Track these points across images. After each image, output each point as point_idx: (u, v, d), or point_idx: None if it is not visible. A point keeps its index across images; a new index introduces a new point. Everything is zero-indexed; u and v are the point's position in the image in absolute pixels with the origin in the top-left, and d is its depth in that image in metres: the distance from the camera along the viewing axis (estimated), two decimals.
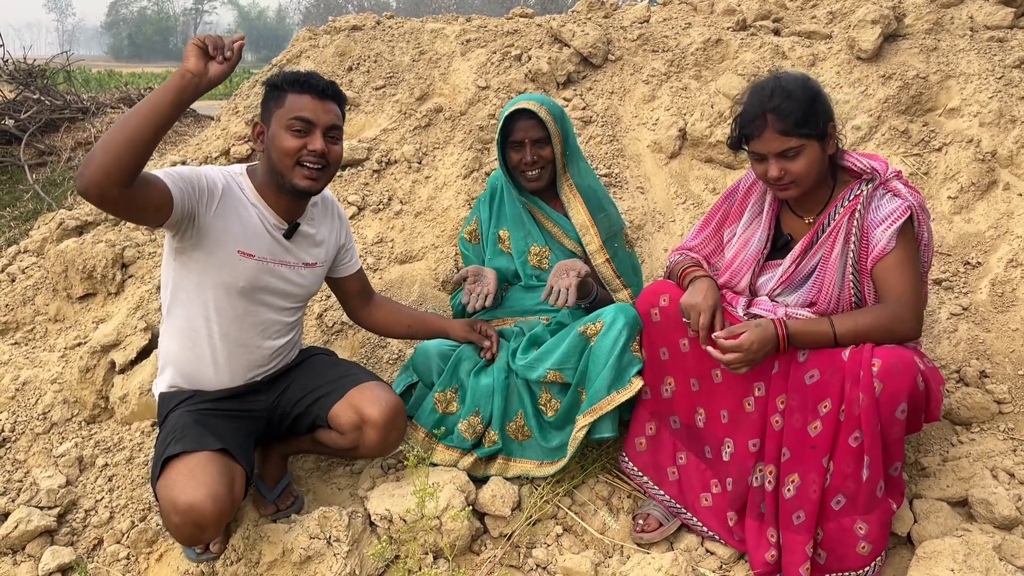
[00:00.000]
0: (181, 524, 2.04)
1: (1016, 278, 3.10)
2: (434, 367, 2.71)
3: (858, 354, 2.09)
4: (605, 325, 2.48)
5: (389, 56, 4.62)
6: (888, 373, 2.02)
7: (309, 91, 2.24)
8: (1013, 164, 3.46)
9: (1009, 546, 2.18)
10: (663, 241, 3.72)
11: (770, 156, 2.18)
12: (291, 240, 2.39)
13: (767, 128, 2.15)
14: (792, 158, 2.16)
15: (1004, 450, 2.62)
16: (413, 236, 3.73)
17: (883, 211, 2.19)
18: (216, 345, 2.36)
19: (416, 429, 2.70)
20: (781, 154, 2.16)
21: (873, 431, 2.03)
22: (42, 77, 8.76)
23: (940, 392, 2.14)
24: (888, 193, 2.21)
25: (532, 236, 2.89)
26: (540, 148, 2.75)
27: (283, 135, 2.22)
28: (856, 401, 2.05)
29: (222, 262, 2.26)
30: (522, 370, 2.62)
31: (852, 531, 2.13)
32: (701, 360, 2.37)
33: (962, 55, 3.89)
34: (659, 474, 2.52)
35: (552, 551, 2.43)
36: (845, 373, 2.10)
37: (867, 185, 2.23)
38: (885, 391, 2.01)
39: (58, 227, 3.93)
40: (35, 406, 3.13)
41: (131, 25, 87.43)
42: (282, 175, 2.26)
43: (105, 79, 18.65)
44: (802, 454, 2.17)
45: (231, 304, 2.33)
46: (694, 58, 4.29)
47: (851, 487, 2.11)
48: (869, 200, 2.22)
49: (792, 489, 2.19)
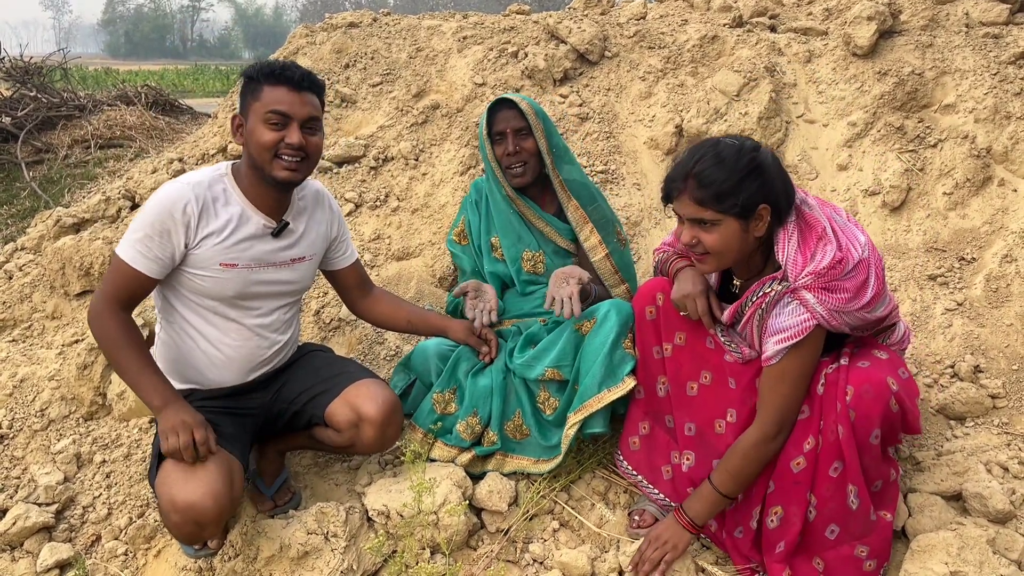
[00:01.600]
0: (181, 522, 2.03)
1: (1010, 273, 3.11)
2: (433, 367, 2.71)
3: (833, 384, 2.07)
4: (597, 321, 2.49)
5: (386, 53, 4.62)
6: (860, 400, 2.00)
7: (284, 83, 2.20)
8: (1008, 160, 3.47)
9: (1003, 540, 2.20)
10: (659, 238, 3.73)
11: (686, 220, 2.08)
12: (279, 237, 2.37)
13: (684, 192, 2.04)
14: (707, 229, 2.04)
15: (998, 444, 2.63)
16: (410, 233, 3.74)
17: (780, 322, 2.06)
18: (212, 351, 2.36)
19: (415, 430, 2.70)
20: (696, 221, 2.05)
21: (854, 461, 2.03)
22: (39, 75, 8.76)
23: (916, 406, 2.09)
24: (794, 302, 2.04)
25: (523, 240, 2.87)
26: (522, 139, 2.74)
27: (260, 129, 2.20)
28: (833, 431, 2.04)
29: (205, 277, 2.26)
30: (520, 369, 2.62)
31: (854, 556, 2.12)
32: (681, 368, 2.38)
33: (957, 51, 3.90)
34: (653, 473, 2.53)
35: (549, 546, 2.44)
36: (821, 404, 2.09)
37: (779, 284, 2.06)
38: (858, 417, 2.00)
39: (55, 224, 3.94)
40: (33, 403, 3.13)
41: (128, 23, 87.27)
42: (262, 168, 2.24)
43: (102, 77, 18.64)
44: (785, 488, 2.16)
45: (223, 311, 2.34)
46: (690, 55, 4.29)
47: (840, 516, 2.10)
48: (773, 304, 2.08)
49: (775, 520, 2.19)
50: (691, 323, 2.36)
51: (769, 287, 2.08)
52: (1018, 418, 2.72)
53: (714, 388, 2.32)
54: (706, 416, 2.34)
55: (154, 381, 2.15)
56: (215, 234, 2.24)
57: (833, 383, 2.07)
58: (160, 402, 2.11)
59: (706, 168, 1.99)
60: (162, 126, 8.13)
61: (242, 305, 2.35)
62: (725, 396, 2.29)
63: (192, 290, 2.29)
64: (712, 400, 2.32)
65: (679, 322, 2.38)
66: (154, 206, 2.18)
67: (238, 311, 2.35)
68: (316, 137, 2.29)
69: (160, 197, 2.19)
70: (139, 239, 2.17)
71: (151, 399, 2.12)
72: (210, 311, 2.33)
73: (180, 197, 2.19)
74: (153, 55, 75.74)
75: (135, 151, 7.35)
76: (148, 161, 5.02)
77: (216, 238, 2.24)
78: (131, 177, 4.56)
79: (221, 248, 2.25)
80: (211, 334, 2.35)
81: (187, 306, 2.33)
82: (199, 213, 2.21)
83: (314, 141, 2.27)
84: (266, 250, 2.35)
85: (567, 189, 2.81)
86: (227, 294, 2.30)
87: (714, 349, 2.32)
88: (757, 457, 2.14)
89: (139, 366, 2.15)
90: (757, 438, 2.13)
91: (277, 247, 2.37)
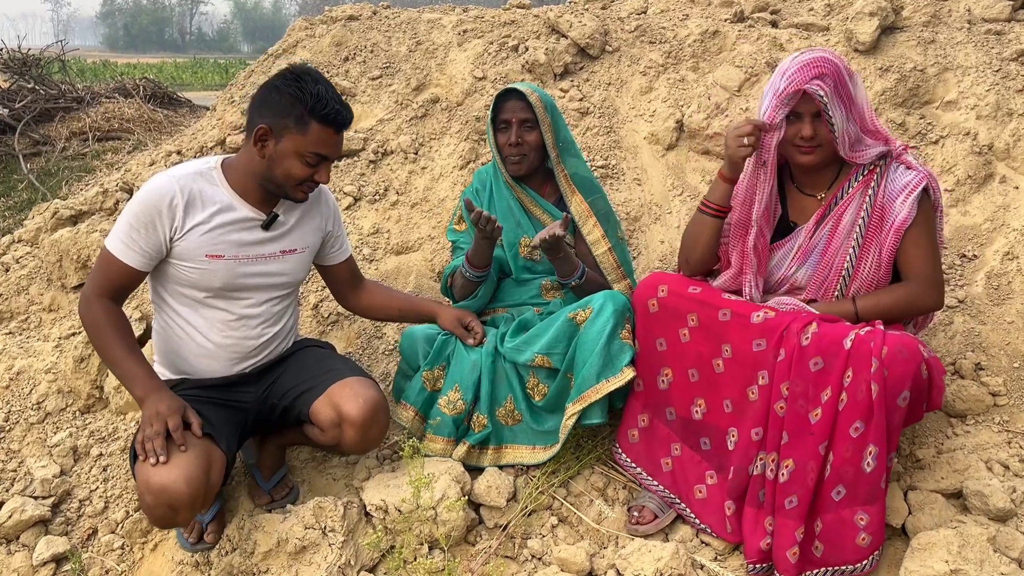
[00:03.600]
0: (154, 504, 2.01)
1: (1012, 271, 3.10)
2: (420, 350, 2.70)
3: (865, 342, 2.09)
4: (594, 311, 2.48)
5: (386, 46, 4.60)
6: (893, 359, 2.03)
7: (334, 126, 2.22)
8: (1010, 157, 3.46)
9: (1003, 538, 2.19)
10: (659, 233, 3.71)
11: (806, 115, 2.25)
12: (269, 230, 2.37)
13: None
14: (824, 122, 2.24)
15: (999, 442, 2.62)
16: (409, 227, 3.72)
17: (900, 182, 2.29)
18: (200, 340, 2.35)
19: (406, 408, 2.69)
20: (817, 115, 2.24)
21: (881, 421, 2.04)
22: (37, 67, 8.73)
23: (942, 381, 2.16)
24: (902, 166, 2.31)
25: (522, 227, 2.87)
26: (526, 131, 2.74)
27: (295, 162, 2.21)
28: (861, 390, 2.05)
29: (192, 268, 2.26)
30: (510, 353, 2.62)
31: (852, 522, 2.12)
32: (702, 350, 2.37)
33: (959, 48, 3.89)
34: (653, 465, 2.52)
35: (547, 542, 2.44)
36: (849, 361, 2.10)
37: (881, 160, 2.32)
38: (890, 377, 2.03)
39: (52, 216, 3.92)
40: (29, 396, 3.12)
41: (126, 15, 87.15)
42: (279, 187, 2.27)
43: (100, 70, 18.59)
44: (800, 440, 2.17)
45: (210, 302, 2.33)
46: (691, 50, 4.28)
47: (851, 477, 2.10)
48: (884, 173, 2.31)
49: (786, 474, 2.19)
50: (700, 300, 2.37)
51: (872, 165, 2.33)
52: (1019, 416, 2.72)
53: (737, 359, 2.32)
54: (739, 388, 2.33)
55: (135, 370, 2.14)
56: (200, 225, 2.24)
57: (864, 342, 2.09)
58: (142, 392, 2.11)
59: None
60: (160, 119, 8.11)
61: (230, 296, 2.34)
62: (751, 361, 2.28)
63: (179, 281, 2.29)
64: (739, 371, 2.32)
65: (688, 303, 2.38)
66: (140, 199, 2.19)
67: (226, 302, 2.35)
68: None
69: (146, 190, 2.20)
70: (125, 232, 2.18)
71: (134, 389, 2.13)
72: (198, 302, 2.32)
73: (166, 190, 2.20)
74: (151, 48, 75.62)
75: (133, 144, 7.33)
76: (146, 154, 5.00)
77: (202, 229, 2.24)
78: (129, 170, 4.54)
79: (207, 239, 2.25)
80: (199, 324, 2.34)
81: (175, 297, 2.32)
82: (184, 205, 2.21)
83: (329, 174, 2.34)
84: (253, 242, 2.34)
85: (571, 183, 2.80)
86: (214, 285, 2.30)
87: (729, 320, 2.32)
88: (910, 304, 2.30)
89: (122, 355, 2.15)
90: (916, 292, 2.30)
91: (266, 239, 2.36)
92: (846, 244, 2.33)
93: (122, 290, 2.24)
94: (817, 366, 2.15)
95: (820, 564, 2.18)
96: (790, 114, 2.27)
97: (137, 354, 2.18)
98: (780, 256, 2.43)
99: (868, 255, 2.31)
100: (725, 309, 2.33)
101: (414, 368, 2.74)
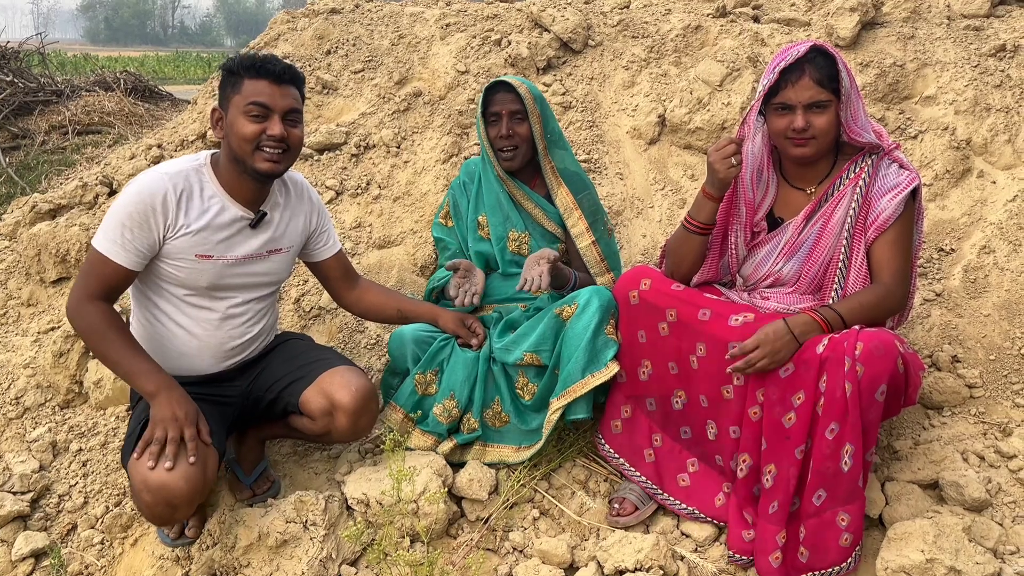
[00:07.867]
0: (152, 503, 2.01)
1: (988, 264, 3.14)
2: (409, 352, 2.69)
3: (839, 343, 2.10)
4: (579, 307, 2.49)
5: (368, 40, 4.59)
6: (870, 356, 2.03)
7: (266, 76, 2.21)
8: (987, 152, 3.50)
9: (979, 528, 2.22)
10: (641, 227, 3.73)
11: (799, 106, 2.23)
12: (256, 229, 2.36)
13: (804, 76, 2.21)
14: (817, 113, 2.23)
15: (975, 434, 2.66)
16: (391, 221, 3.72)
17: (891, 180, 2.29)
18: (185, 338, 2.34)
19: (395, 410, 2.69)
20: (810, 106, 2.23)
21: (856, 419, 2.05)
22: (16, 59, 8.62)
23: (919, 376, 2.16)
24: (894, 164, 2.32)
25: (511, 220, 2.88)
26: (516, 123, 2.75)
27: (241, 121, 2.20)
28: (839, 387, 2.06)
29: (180, 267, 2.25)
30: (499, 353, 2.62)
31: (835, 524, 2.13)
32: (679, 345, 2.39)
33: (939, 43, 3.92)
34: (635, 456, 2.54)
35: (529, 534, 2.44)
36: (823, 365, 2.10)
37: (871, 157, 2.33)
38: (867, 374, 2.03)
39: (31, 210, 3.89)
40: (8, 391, 3.09)
41: (108, 8, 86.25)
42: (243, 161, 2.23)
43: (81, 63, 18.39)
44: (778, 445, 2.19)
45: (197, 301, 2.32)
46: (674, 44, 4.29)
47: (831, 478, 2.11)
48: (875, 169, 2.31)
49: (770, 479, 2.20)
50: (681, 298, 2.38)
51: (862, 162, 2.33)
52: (995, 408, 2.75)
53: (712, 358, 2.33)
54: (713, 387, 2.35)
55: (142, 365, 2.12)
56: (192, 224, 2.22)
57: (838, 343, 2.10)
58: (153, 387, 2.09)
59: (816, 56, 2.22)
60: (141, 112, 8.03)
61: (215, 295, 2.34)
62: (727, 363, 2.28)
63: (165, 279, 2.27)
64: (713, 369, 2.33)
65: (668, 299, 2.39)
66: (131, 197, 2.16)
67: (211, 300, 2.34)
68: (297, 129, 2.29)
69: (137, 187, 2.17)
70: (117, 231, 2.14)
71: (144, 385, 2.10)
72: (183, 300, 2.31)
73: (158, 187, 2.17)
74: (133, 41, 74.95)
75: (114, 137, 7.25)
76: (126, 148, 4.96)
77: (193, 228, 2.22)
78: (109, 163, 4.51)
79: (198, 239, 2.23)
80: (183, 322, 2.33)
81: (159, 294, 2.31)
82: (177, 203, 2.19)
83: (295, 133, 2.27)
84: (242, 241, 2.33)
85: (558, 175, 2.82)
86: (201, 284, 2.29)
87: (708, 320, 2.33)
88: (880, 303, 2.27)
89: (128, 354, 2.13)
90: (881, 294, 2.27)
91: (254, 238, 2.36)
92: (837, 242, 2.33)
93: (114, 291, 2.21)
94: (787, 372, 2.17)
95: (806, 570, 2.17)
96: (781, 107, 2.26)
97: (139, 350, 2.17)
98: (766, 251, 2.44)
99: (857, 252, 2.32)
100: (705, 309, 2.35)
101: (402, 370, 2.74)
